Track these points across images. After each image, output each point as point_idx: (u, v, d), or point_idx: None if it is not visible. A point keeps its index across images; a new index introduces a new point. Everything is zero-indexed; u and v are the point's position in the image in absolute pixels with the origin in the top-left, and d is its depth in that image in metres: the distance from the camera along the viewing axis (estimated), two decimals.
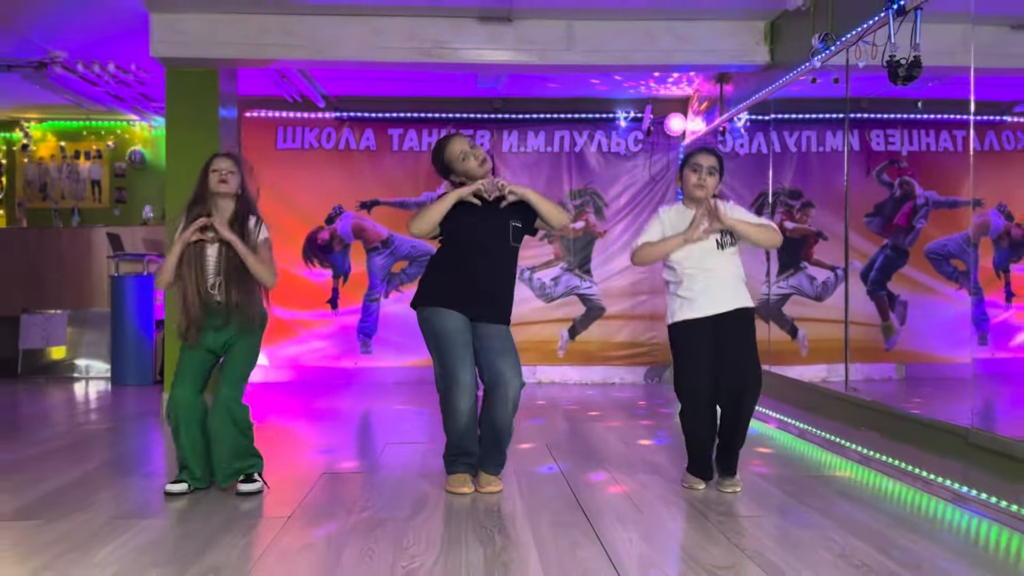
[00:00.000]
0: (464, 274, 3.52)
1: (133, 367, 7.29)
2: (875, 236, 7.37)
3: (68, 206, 8.38)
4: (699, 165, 3.52)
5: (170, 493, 3.44)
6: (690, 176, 3.53)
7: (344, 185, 7.52)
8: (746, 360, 3.45)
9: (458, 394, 3.43)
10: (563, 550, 2.72)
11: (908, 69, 3.78)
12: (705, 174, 3.50)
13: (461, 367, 3.44)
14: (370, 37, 5.41)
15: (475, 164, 3.57)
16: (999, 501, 3.09)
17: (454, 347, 3.46)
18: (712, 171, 3.51)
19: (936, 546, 2.77)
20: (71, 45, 6.04)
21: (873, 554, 2.67)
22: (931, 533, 2.93)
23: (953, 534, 2.95)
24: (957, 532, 2.97)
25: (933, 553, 2.70)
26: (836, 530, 2.93)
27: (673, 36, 5.47)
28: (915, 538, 2.85)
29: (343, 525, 3.01)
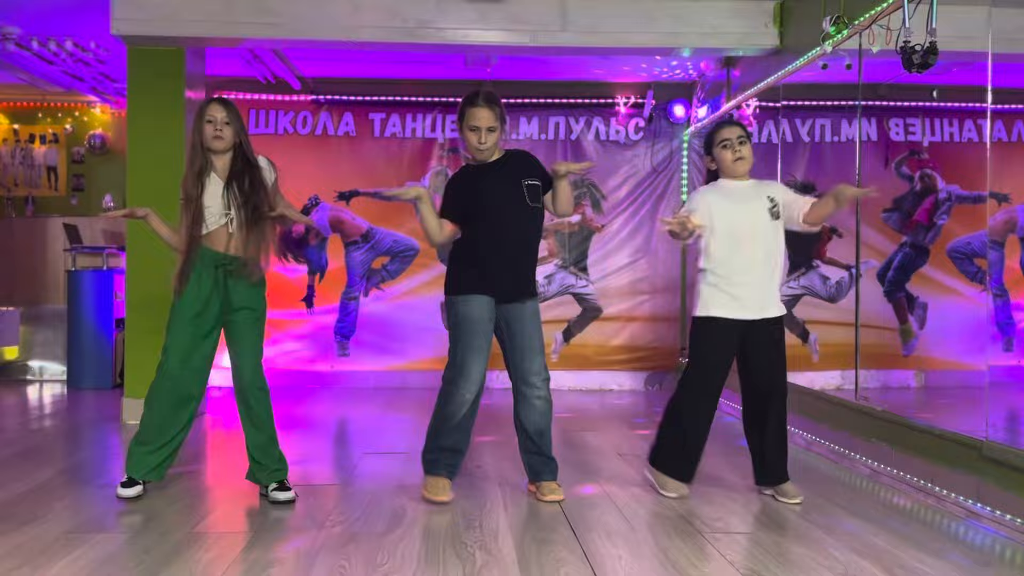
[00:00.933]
0: (486, 253, 3.63)
1: (91, 369, 7.32)
2: (893, 233, 7.43)
3: (21, 194, 8.40)
4: (728, 139, 3.66)
5: (123, 498, 3.53)
6: (724, 154, 3.65)
7: (321, 174, 7.56)
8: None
9: (462, 386, 3.57)
10: (547, 568, 2.78)
11: (923, 55, 3.84)
12: (738, 145, 3.63)
13: (473, 359, 3.57)
14: (349, 15, 5.45)
15: (474, 141, 3.63)
16: (1015, 519, 3.16)
17: (471, 336, 3.58)
18: (743, 140, 3.67)
19: (945, 566, 2.84)
20: (25, 21, 6.06)
21: (876, 574, 2.73)
22: (940, 552, 2.99)
23: (964, 553, 3.01)
24: (968, 551, 3.03)
25: (940, 572, 2.76)
26: (838, 548, 3.00)
27: (673, 17, 5.52)
28: (923, 557, 2.92)
29: (313, 540, 3.06)
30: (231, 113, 3.62)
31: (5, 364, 7.91)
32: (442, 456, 3.65)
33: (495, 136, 3.64)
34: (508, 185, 3.66)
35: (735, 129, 3.71)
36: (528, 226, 3.69)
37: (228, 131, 3.59)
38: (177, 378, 3.58)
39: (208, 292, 3.58)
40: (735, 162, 3.66)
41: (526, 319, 3.65)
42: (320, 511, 3.48)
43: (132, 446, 3.65)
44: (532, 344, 3.65)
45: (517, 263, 3.67)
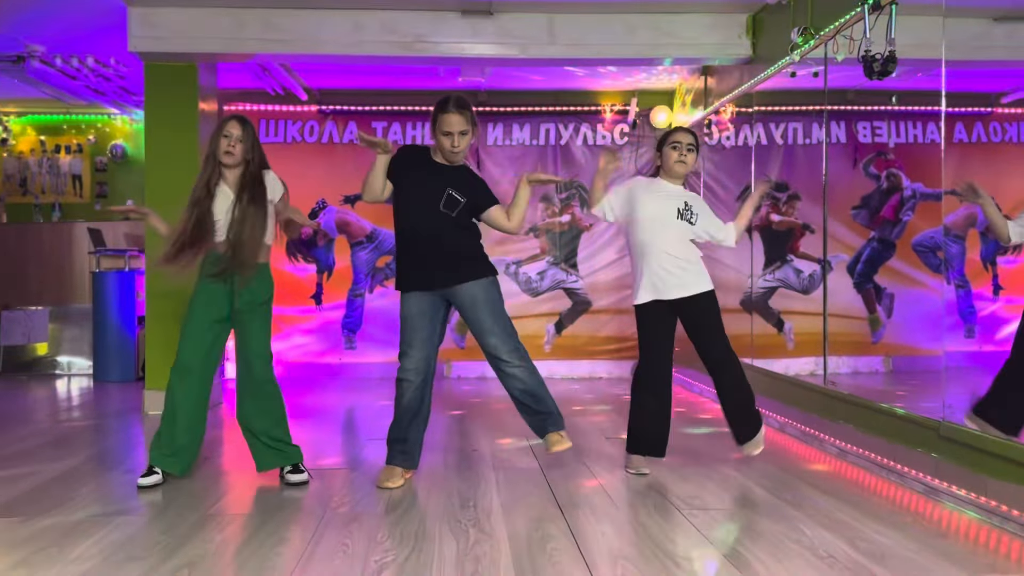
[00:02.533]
0: (412, 251, 3.63)
1: (115, 364, 7.35)
2: (862, 228, 7.44)
3: (49, 201, 8.42)
4: (678, 142, 3.76)
5: (144, 487, 3.55)
6: (671, 153, 3.74)
7: (327, 179, 7.57)
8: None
9: (400, 373, 3.65)
10: (535, 543, 2.80)
11: (883, 63, 3.87)
12: (685, 150, 3.71)
13: (407, 350, 3.64)
14: (350, 31, 5.47)
15: (447, 145, 3.57)
16: (969, 493, 3.19)
17: (407, 331, 3.65)
18: (691, 148, 3.74)
19: (904, 538, 2.87)
20: (49, 39, 6.08)
21: (840, 546, 2.76)
22: (900, 525, 3.02)
23: (922, 526, 3.04)
24: (927, 524, 3.06)
25: (900, 544, 2.79)
26: (806, 522, 3.03)
27: (654, 30, 5.54)
28: (883, 530, 2.95)
29: (319, 520, 3.08)
30: (247, 132, 3.64)
31: (35, 359, 7.93)
32: (393, 445, 3.69)
33: (467, 139, 3.59)
34: (436, 187, 3.59)
35: (688, 136, 3.81)
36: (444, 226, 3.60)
37: (240, 148, 3.61)
38: (191, 374, 3.60)
39: (220, 296, 3.61)
40: (676, 163, 3.78)
41: (476, 305, 3.61)
42: (327, 493, 3.51)
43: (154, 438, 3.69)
44: (486, 326, 3.62)
45: (434, 257, 3.60)
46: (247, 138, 3.63)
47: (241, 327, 3.68)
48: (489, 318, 3.63)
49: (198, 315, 3.61)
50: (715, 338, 3.81)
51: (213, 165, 3.64)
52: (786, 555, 2.67)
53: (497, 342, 3.62)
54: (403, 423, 3.67)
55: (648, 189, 3.87)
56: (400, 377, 3.66)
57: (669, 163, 3.79)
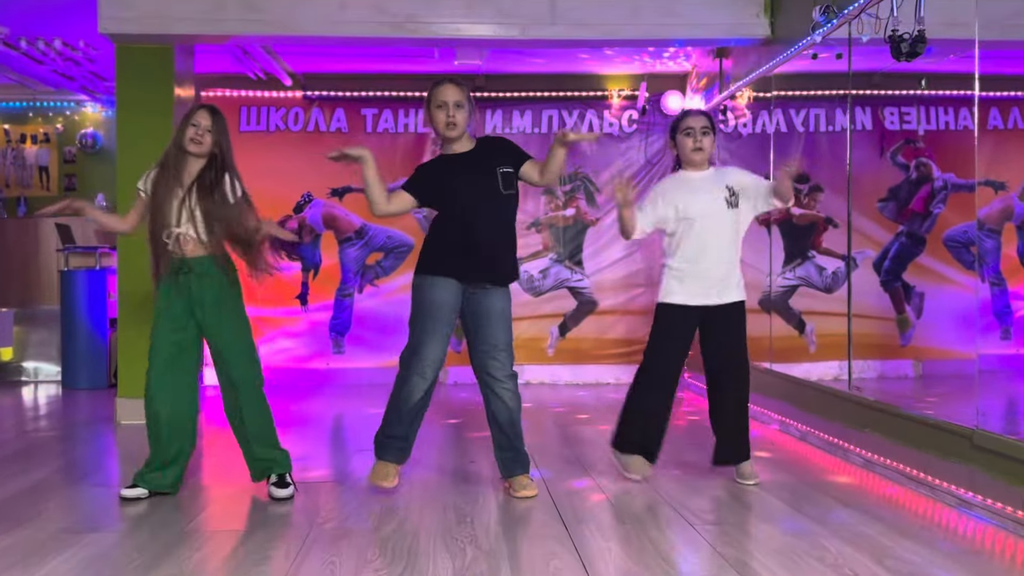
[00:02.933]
0: (457, 239, 3.61)
1: (85, 369, 7.35)
2: (889, 222, 7.46)
3: (14, 195, 8.42)
4: (691, 127, 3.73)
5: (126, 499, 3.55)
6: (685, 141, 3.72)
7: (313, 170, 7.55)
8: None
9: (414, 368, 3.61)
10: (537, 561, 2.80)
11: (912, 44, 3.88)
12: (700, 135, 3.70)
13: (429, 341, 3.60)
14: (336, 10, 5.46)
15: (441, 120, 3.61)
16: (1005, 507, 3.18)
17: (431, 320, 3.60)
18: (706, 131, 3.73)
19: (934, 555, 2.86)
20: (13, 20, 6.07)
21: (866, 563, 2.76)
22: (931, 541, 3.02)
23: (955, 542, 3.04)
24: (959, 540, 3.06)
25: (930, 562, 2.79)
26: (830, 538, 3.02)
27: (662, 9, 5.52)
28: (913, 546, 2.94)
29: (305, 536, 3.08)
30: (217, 122, 3.63)
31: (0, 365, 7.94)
32: (391, 440, 3.70)
33: (463, 113, 3.60)
34: (479, 175, 3.61)
35: (701, 119, 3.78)
36: (500, 214, 3.64)
37: (208, 138, 3.60)
38: (160, 388, 3.60)
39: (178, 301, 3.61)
40: (693, 151, 3.74)
41: (492, 315, 3.61)
42: (313, 507, 3.50)
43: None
44: (499, 338, 3.62)
45: (488, 248, 3.61)
46: (216, 129, 3.62)
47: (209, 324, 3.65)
48: (503, 334, 3.64)
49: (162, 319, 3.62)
50: (735, 350, 3.81)
51: (174, 155, 3.62)
52: (807, 573, 2.67)
53: (504, 361, 3.63)
54: (406, 422, 3.68)
55: (685, 187, 3.79)
56: (412, 372, 3.60)
57: (686, 153, 3.76)
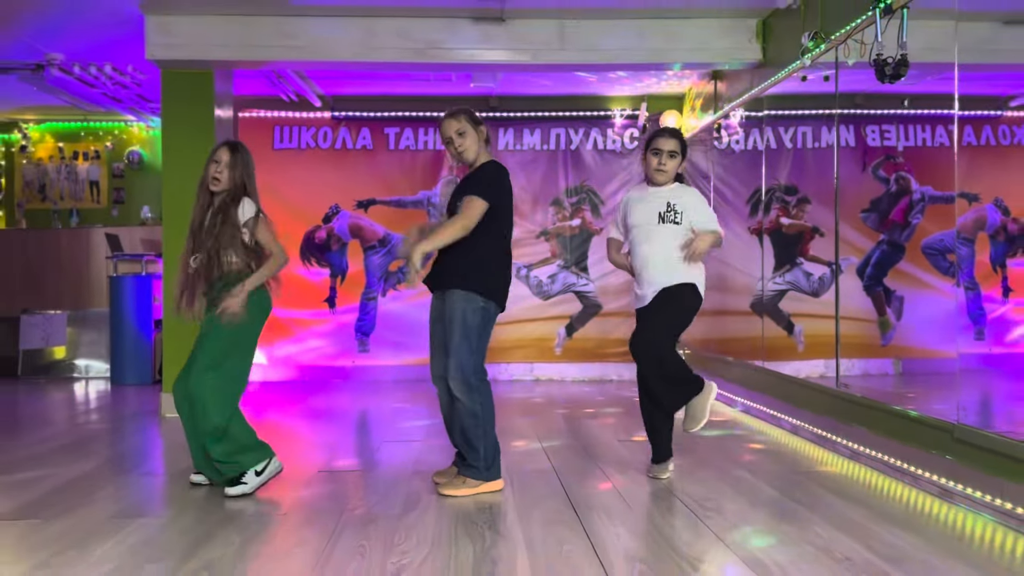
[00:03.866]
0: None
1: (132, 367, 7.37)
2: (871, 232, 7.41)
3: (67, 207, 8.45)
4: (659, 149, 3.69)
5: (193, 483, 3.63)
6: (651, 159, 3.70)
7: (341, 184, 7.59)
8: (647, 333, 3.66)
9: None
10: (551, 546, 2.78)
11: (895, 67, 3.84)
12: (666, 157, 3.67)
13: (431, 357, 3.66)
14: (364, 37, 5.47)
15: (451, 152, 3.63)
16: (984, 495, 3.15)
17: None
18: (673, 154, 3.68)
19: (920, 540, 2.83)
20: (68, 47, 6.10)
21: (856, 548, 2.73)
22: (916, 527, 2.99)
23: (938, 528, 3.00)
24: (943, 526, 3.03)
25: (916, 547, 2.75)
26: (821, 524, 2.99)
27: (665, 34, 5.52)
28: (900, 532, 2.91)
29: (337, 522, 3.07)
30: (236, 158, 3.59)
31: (54, 363, 7.96)
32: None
33: (467, 140, 3.57)
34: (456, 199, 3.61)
35: (670, 142, 3.69)
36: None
37: (227, 174, 3.57)
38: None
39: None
40: (656, 171, 3.69)
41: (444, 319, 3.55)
42: (343, 495, 3.49)
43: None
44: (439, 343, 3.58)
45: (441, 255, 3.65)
46: (237, 164, 3.58)
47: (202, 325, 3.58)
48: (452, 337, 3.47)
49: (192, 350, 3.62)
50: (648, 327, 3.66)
51: (203, 191, 3.61)
52: (802, 557, 2.64)
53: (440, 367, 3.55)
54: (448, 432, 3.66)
55: (638, 197, 3.80)
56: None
57: (650, 170, 3.71)
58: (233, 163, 3.59)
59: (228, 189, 3.59)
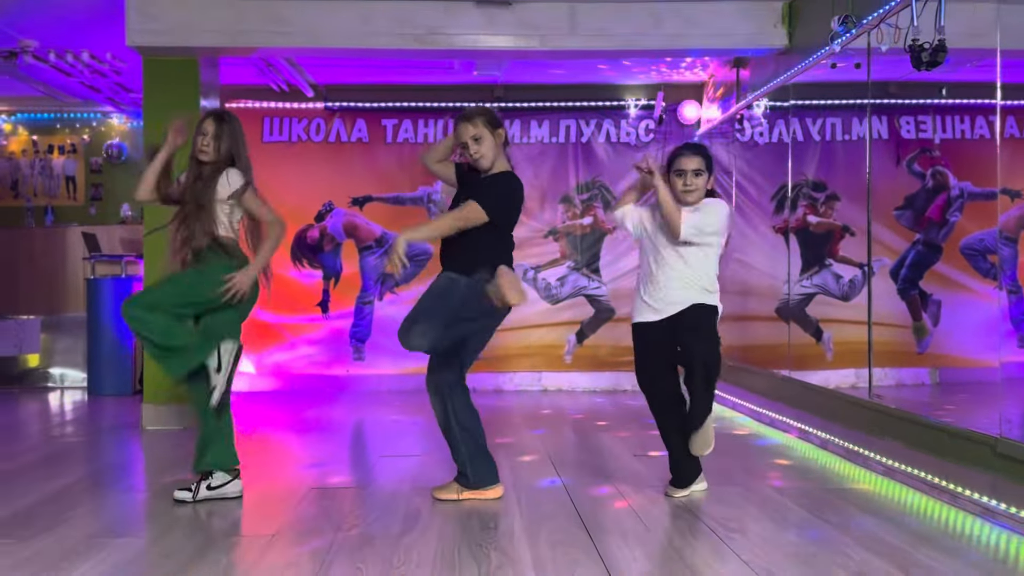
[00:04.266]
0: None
1: (111, 376, 7.38)
2: (906, 231, 7.40)
3: (41, 204, 8.48)
4: (683, 170, 3.65)
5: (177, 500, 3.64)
6: (676, 181, 3.66)
7: (335, 180, 7.60)
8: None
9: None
10: (561, 568, 2.78)
11: (932, 53, 3.83)
12: (691, 177, 3.64)
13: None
14: (359, 23, 5.48)
15: (468, 158, 3.66)
16: None
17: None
18: (698, 173, 3.64)
19: (960, 564, 2.82)
20: (42, 33, 6.13)
21: (892, 572, 2.72)
22: (955, 550, 2.97)
23: (980, 551, 2.99)
24: (984, 549, 3.01)
25: (956, 571, 2.74)
26: (853, 547, 2.98)
27: (681, 19, 5.51)
28: (937, 555, 2.90)
29: (330, 542, 3.07)
30: (224, 128, 3.66)
31: (27, 371, 7.98)
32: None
33: (483, 146, 3.60)
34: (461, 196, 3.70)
35: (694, 160, 3.64)
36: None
37: (214, 145, 3.65)
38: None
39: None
40: (683, 192, 3.64)
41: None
42: (337, 513, 3.49)
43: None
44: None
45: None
46: (223, 135, 3.65)
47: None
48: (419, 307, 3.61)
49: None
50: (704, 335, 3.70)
51: (193, 163, 3.72)
52: None
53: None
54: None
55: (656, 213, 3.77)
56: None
57: (677, 191, 3.65)
58: (219, 133, 3.66)
59: (215, 161, 3.66)
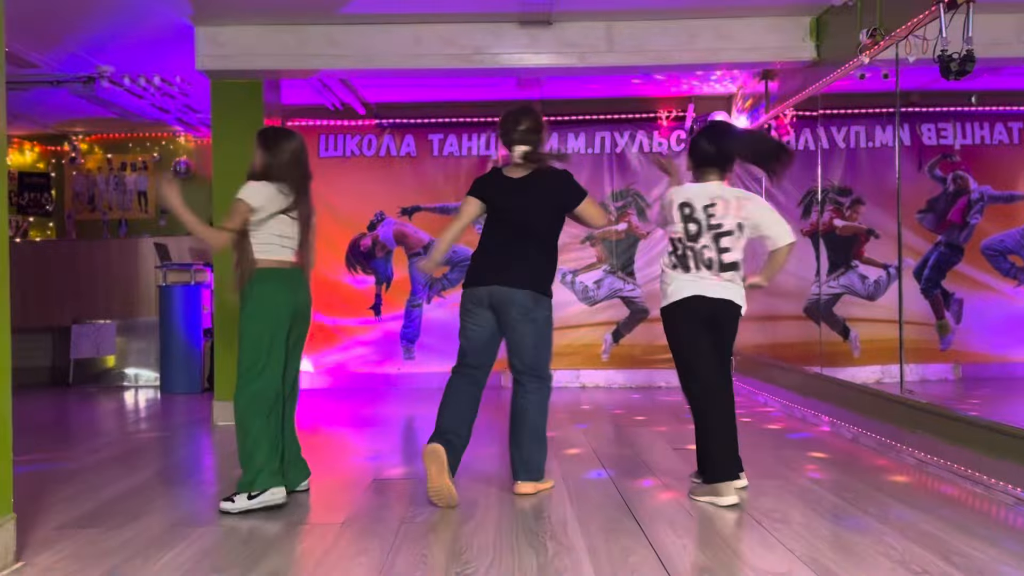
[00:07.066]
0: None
1: (182, 376, 7.48)
2: (928, 233, 7.26)
3: (115, 217, 8.63)
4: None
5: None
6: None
7: (385, 191, 7.63)
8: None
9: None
10: (615, 556, 2.75)
11: (961, 63, 3.76)
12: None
13: None
14: (411, 45, 5.50)
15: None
16: None
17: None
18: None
19: (998, 552, 2.75)
20: (117, 59, 6.23)
21: (934, 560, 2.66)
22: (993, 539, 2.90)
23: (1016, 539, 2.91)
24: (1020, 538, 2.94)
25: (995, 559, 2.68)
26: (894, 536, 2.92)
27: (715, 34, 5.46)
28: (977, 544, 2.83)
29: (396, 531, 3.07)
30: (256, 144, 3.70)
31: (104, 371, 8.12)
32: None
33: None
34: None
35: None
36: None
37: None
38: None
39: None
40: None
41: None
42: (399, 503, 3.50)
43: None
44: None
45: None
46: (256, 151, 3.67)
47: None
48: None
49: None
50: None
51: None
52: (877, 570, 2.58)
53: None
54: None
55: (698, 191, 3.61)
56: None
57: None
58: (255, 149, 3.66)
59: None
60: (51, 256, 8.24)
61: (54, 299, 8.15)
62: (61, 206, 8.73)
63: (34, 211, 8.60)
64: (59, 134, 8.63)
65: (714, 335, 3.50)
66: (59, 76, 6.52)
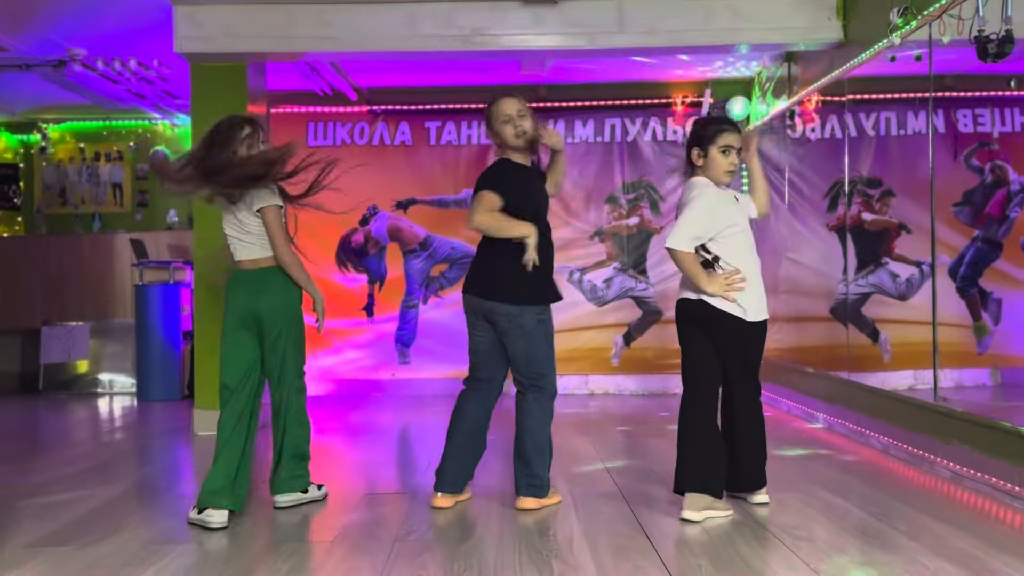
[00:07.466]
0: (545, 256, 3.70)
1: (160, 382, 7.49)
2: (964, 227, 7.23)
3: (89, 211, 8.65)
4: (730, 146, 3.51)
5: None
6: (721, 160, 3.51)
7: (379, 183, 7.64)
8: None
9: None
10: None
11: (999, 45, 3.75)
12: (735, 155, 3.55)
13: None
14: (405, 25, 5.50)
15: (510, 132, 3.62)
16: None
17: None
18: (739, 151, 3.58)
19: None
20: (91, 42, 6.25)
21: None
22: None
23: None
24: None
25: None
26: (925, 554, 2.92)
27: (733, 13, 5.45)
28: (1014, 562, 2.83)
29: (389, 549, 3.08)
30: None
31: (76, 377, 8.14)
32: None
33: (528, 122, 3.63)
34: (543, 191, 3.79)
35: (738, 137, 3.56)
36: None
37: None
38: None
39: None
40: (727, 172, 3.53)
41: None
42: (393, 519, 3.50)
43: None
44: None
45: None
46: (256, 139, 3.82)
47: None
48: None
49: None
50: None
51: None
52: None
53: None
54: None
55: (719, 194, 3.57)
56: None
57: (719, 170, 3.52)
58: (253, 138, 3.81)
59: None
60: (19, 253, 8.25)
61: (22, 299, 8.17)
62: (30, 199, 8.75)
63: (1, 205, 8.62)
64: (28, 122, 8.65)
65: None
66: (28, 59, 6.53)
